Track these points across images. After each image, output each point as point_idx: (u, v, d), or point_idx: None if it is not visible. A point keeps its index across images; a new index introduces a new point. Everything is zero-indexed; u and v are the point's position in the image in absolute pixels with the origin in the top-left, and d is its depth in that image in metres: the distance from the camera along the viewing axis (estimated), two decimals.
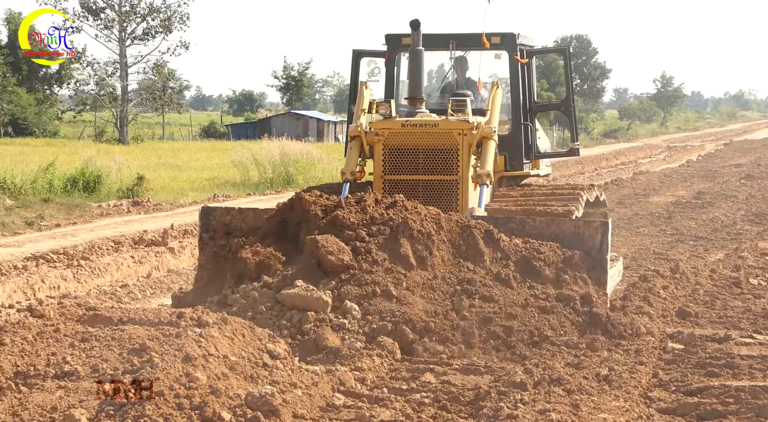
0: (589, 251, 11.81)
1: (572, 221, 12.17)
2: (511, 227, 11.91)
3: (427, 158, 13.07)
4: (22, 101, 63.47)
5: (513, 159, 14.55)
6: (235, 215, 12.48)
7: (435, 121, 13.17)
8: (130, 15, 64.55)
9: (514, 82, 14.66)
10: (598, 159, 50.41)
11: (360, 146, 13.24)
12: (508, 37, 14.50)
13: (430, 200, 12.65)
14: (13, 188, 26.48)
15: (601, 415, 8.36)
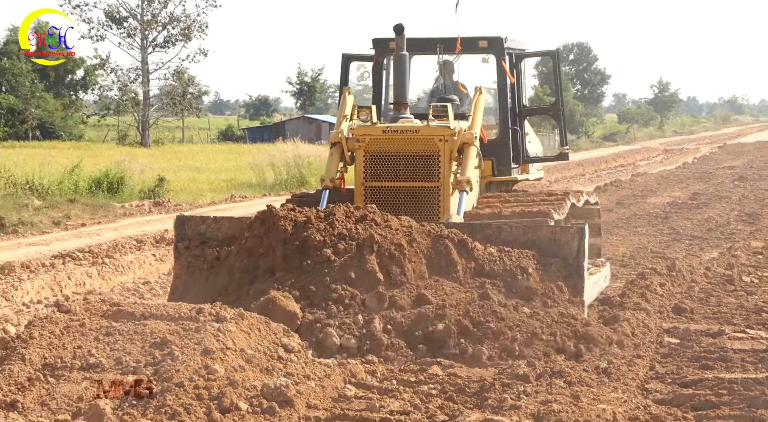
0: (566, 257, 11.09)
1: (549, 228, 11.43)
2: (488, 234, 11.18)
3: (409, 164, 12.34)
4: (49, 106, 63.56)
5: (500, 164, 13.80)
6: (210, 224, 11.80)
7: (416, 127, 12.47)
8: (151, 24, 64.62)
9: (501, 87, 13.96)
10: (598, 161, 50.34)
11: (341, 152, 12.52)
12: (495, 41, 13.73)
13: (411, 207, 12.07)
14: (41, 190, 26.54)
15: (600, 406, 8.37)
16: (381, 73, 14.18)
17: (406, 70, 12.82)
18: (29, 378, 7.71)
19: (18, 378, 7.71)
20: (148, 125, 64.56)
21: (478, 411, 8.12)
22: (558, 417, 7.77)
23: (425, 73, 14.41)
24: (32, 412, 7.21)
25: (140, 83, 65.53)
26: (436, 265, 10.79)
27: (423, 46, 13.82)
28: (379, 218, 11.04)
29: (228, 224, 11.73)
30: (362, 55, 14.32)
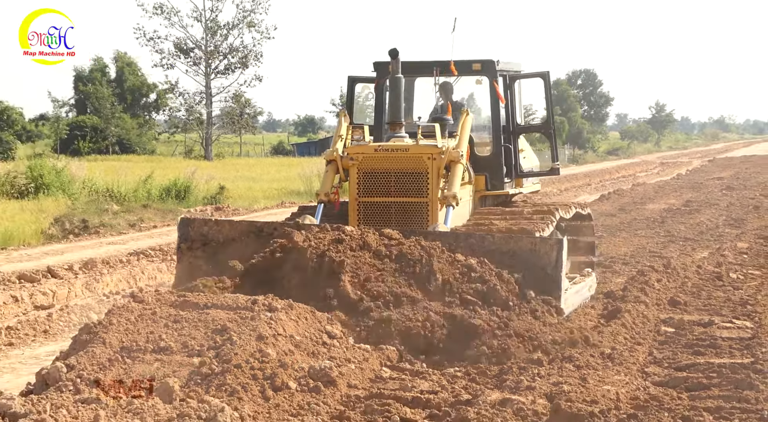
0: (544, 267, 10.33)
1: (529, 239, 10.66)
2: (471, 243, 10.46)
3: (399, 181, 11.63)
4: (126, 125, 63.92)
5: (494, 179, 12.98)
6: (212, 226, 11.19)
7: (406, 146, 11.77)
8: (214, 54, 64.91)
9: (494, 107, 13.12)
10: (602, 173, 50.23)
11: (336, 169, 11.87)
12: (488, 64, 12.99)
13: (402, 221, 11.38)
14: (119, 196, 26.72)
15: (605, 387, 8.32)
16: (382, 95, 13.49)
17: (401, 92, 12.21)
18: (109, 359, 7.74)
19: (100, 358, 7.75)
20: (210, 141, 64.84)
21: (498, 391, 8.09)
22: (568, 396, 7.73)
23: (428, 95, 13.85)
24: (112, 389, 7.24)
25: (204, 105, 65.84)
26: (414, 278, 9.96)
27: (422, 68, 13.25)
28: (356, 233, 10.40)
29: (228, 226, 11.24)
30: (366, 77, 13.61)
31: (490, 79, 13.03)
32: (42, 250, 18.52)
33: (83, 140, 59.53)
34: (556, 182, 41.15)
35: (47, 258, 17.12)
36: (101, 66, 68.44)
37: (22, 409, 6.03)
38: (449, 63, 12.86)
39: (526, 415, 7.14)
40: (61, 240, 20.20)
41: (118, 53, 69.48)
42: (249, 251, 10.38)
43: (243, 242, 10.75)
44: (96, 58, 68.84)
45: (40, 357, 10.67)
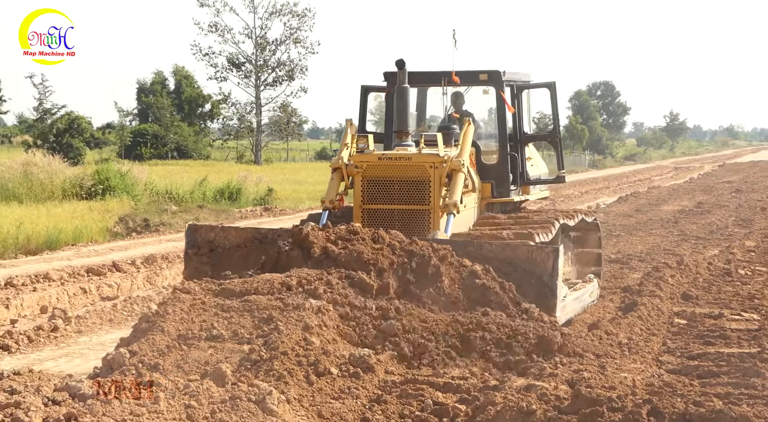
0: (541, 275, 9.66)
1: (526, 246, 9.96)
2: (469, 251, 9.82)
3: (402, 189, 11.05)
4: (184, 133, 64.25)
5: (499, 186, 12.38)
6: (218, 233, 10.64)
7: (409, 154, 11.16)
8: (263, 67, 65.09)
9: (500, 116, 12.53)
10: (620, 177, 49.96)
11: (341, 177, 11.32)
12: (494, 75, 12.41)
13: (404, 227, 10.62)
14: (177, 198, 26.89)
15: (622, 374, 8.27)
16: (392, 104, 12.69)
17: (407, 102, 11.65)
18: (167, 345, 7.77)
19: (159, 345, 7.77)
20: (260, 147, 65.06)
21: (523, 378, 8.06)
22: (588, 382, 7.68)
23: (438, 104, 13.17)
24: (170, 373, 7.27)
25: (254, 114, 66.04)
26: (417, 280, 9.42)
27: (431, 79, 12.68)
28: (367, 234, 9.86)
29: (234, 232, 10.66)
30: (379, 86, 12.98)
31: (497, 89, 12.48)
32: (108, 246, 18.68)
33: (145, 146, 59.94)
34: (577, 186, 40.93)
35: (112, 254, 17.27)
36: (161, 79, 68.89)
37: (90, 391, 6.08)
38: (463, 73, 12.42)
39: (549, 399, 7.10)
40: (125, 237, 20.36)
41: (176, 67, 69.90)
42: (253, 257, 9.91)
43: (248, 248, 10.27)
44: (157, 72, 69.35)
45: (106, 343, 10.76)
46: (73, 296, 13.50)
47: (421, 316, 8.89)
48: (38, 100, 54.55)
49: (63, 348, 10.71)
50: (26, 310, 12.62)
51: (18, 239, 17.69)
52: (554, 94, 12.87)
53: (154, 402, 6.09)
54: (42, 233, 18.25)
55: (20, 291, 13.49)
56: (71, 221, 20.23)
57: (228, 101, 66.85)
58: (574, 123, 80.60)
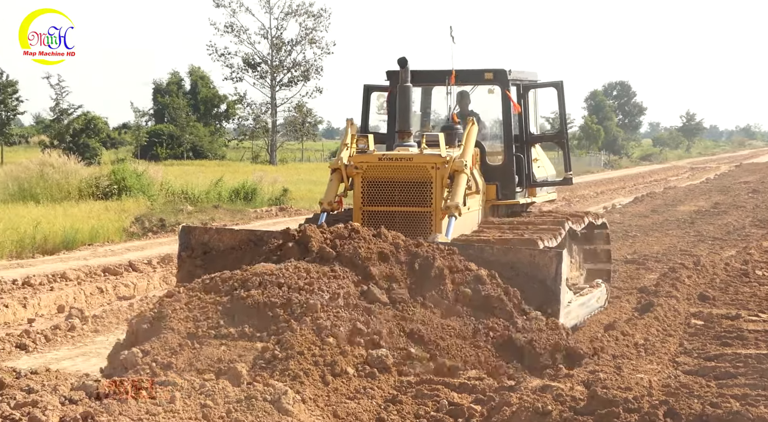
0: (544, 280, 9.21)
1: (528, 250, 9.53)
2: (470, 254, 9.36)
3: (403, 190, 10.66)
4: (199, 133, 64.46)
5: (505, 188, 11.95)
6: (212, 235, 10.25)
7: (410, 155, 10.78)
8: (279, 68, 65.23)
9: (506, 116, 12.09)
10: (636, 177, 49.81)
11: (340, 178, 10.93)
12: (500, 73, 11.97)
13: (405, 230, 10.05)
14: (193, 198, 26.97)
15: (638, 375, 8.24)
16: (395, 103, 12.22)
17: (409, 101, 11.23)
18: (179, 344, 7.73)
19: (171, 344, 7.74)
20: (275, 148, 65.19)
21: (538, 378, 8.04)
22: (604, 383, 7.65)
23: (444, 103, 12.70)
24: (184, 372, 7.27)
25: (270, 115, 66.19)
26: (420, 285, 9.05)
27: (436, 78, 12.29)
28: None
29: (229, 234, 10.30)
30: (382, 86, 12.62)
31: (502, 89, 12.07)
32: (124, 246, 18.76)
33: (161, 147, 60.17)
34: (593, 186, 40.83)
35: (129, 254, 17.34)
36: (177, 79, 69.16)
37: (107, 390, 6.10)
38: (460, 72, 12.03)
39: (565, 400, 7.08)
40: (141, 237, 20.45)
41: (192, 68, 70.18)
42: (248, 260, 9.45)
43: (243, 250, 9.87)
44: (173, 73, 69.66)
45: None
46: (89, 296, 13.56)
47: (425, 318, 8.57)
48: (55, 101, 54.84)
49: (80, 348, 10.75)
50: (43, 309, 12.68)
51: (35, 238, 17.78)
52: (561, 93, 12.42)
53: (170, 401, 6.11)
54: (59, 233, 18.33)
55: (37, 291, 13.56)
56: (88, 221, 20.32)
57: (243, 102, 67.09)
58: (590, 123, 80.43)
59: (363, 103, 12.85)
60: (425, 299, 8.78)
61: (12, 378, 6.50)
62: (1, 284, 13.62)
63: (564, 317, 9.34)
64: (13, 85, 57.07)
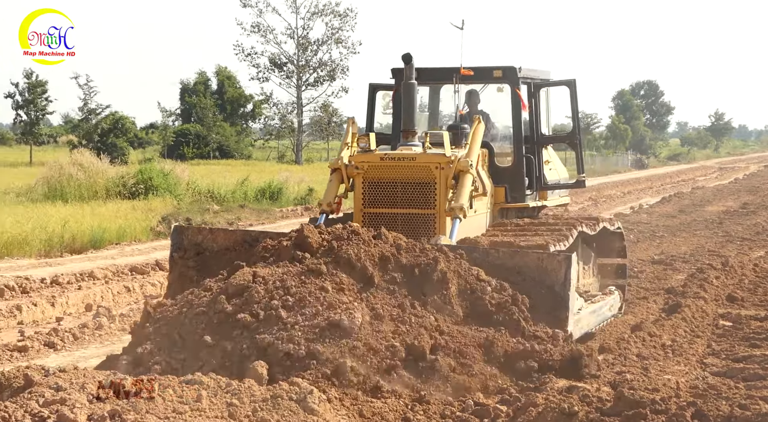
0: (552, 285, 8.70)
1: (535, 254, 9.03)
2: (475, 257, 8.88)
3: (406, 191, 10.18)
4: (225, 132, 64.69)
5: (514, 190, 11.40)
6: (206, 235, 9.80)
7: (413, 154, 10.27)
8: (305, 68, 65.33)
9: (515, 115, 11.57)
10: (664, 177, 49.49)
11: (340, 178, 10.51)
12: (509, 71, 11.43)
13: (408, 233, 9.55)
14: (219, 197, 27.07)
15: (666, 376, 8.20)
16: (400, 102, 11.69)
17: (413, 99, 10.74)
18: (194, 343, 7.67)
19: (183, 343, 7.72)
20: (301, 147, 65.31)
21: (565, 379, 8.01)
22: (631, 384, 7.62)
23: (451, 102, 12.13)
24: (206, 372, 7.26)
25: (295, 114, 66.31)
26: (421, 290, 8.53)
27: (443, 75, 11.73)
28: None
29: (223, 235, 9.85)
30: (388, 84, 12.20)
31: (512, 87, 11.53)
32: (151, 245, 18.88)
33: (188, 146, 60.41)
34: (620, 186, 40.61)
35: (155, 253, 17.44)
36: (204, 79, 69.43)
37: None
38: (467, 69, 11.48)
39: (591, 401, 7.05)
40: (167, 237, 20.53)
41: (219, 68, 70.43)
42: (242, 261, 8.88)
43: (237, 251, 9.41)
44: (200, 73, 69.93)
45: None
46: (117, 295, 13.66)
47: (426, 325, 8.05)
48: (83, 101, 55.20)
49: (107, 346, 10.82)
50: (71, 308, 12.79)
51: (63, 238, 17.92)
52: (574, 92, 11.84)
53: (197, 400, 6.14)
54: (87, 232, 18.46)
55: (66, 289, 13.67)
56: (115, 220, 20.45)
57: (270, 101, 67.25)
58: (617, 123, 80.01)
59: (368, 102, 12.45)
60: (426, 304, 8.29)
61: (41, 376, 6.56)
62: (30, 282, 13.74)
63: (573, 325, 8.84)
64: (42, 85, 57.56)
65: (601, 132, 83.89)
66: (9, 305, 12.32)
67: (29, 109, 57.64)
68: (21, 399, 5.98)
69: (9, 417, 5.58)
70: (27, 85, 57.10)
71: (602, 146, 79.60)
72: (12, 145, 73.33)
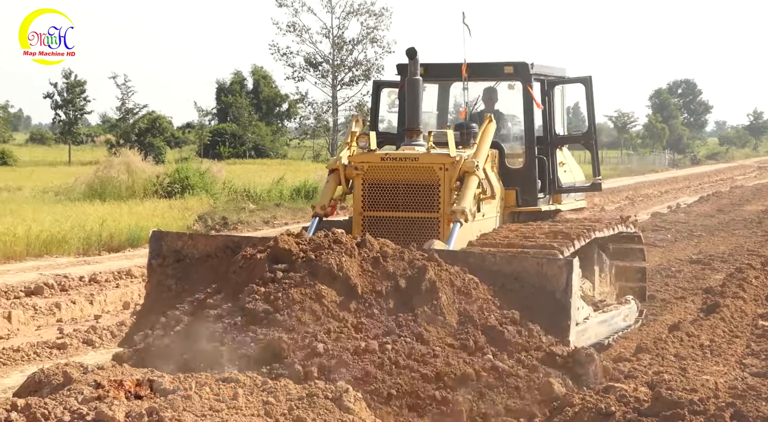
0: (552, 292, 7.97)
1: (534, 259, 8.28)
2: (470, 263, 8.16)
3: (408, 193, 9.48)
4: (261, 132, 65.03)
5: (525, 193, 10.74)
6: (186, 241, 9.07)
7: (415, 154, 9.57)
8: (340, 67, 65.45)
9: (527, 114, 10.89)
10: (701, 176, 49.07)
11: (338, 180, 9.90)
12: (521, 67, 10.74)
13: (410, 238, 9.04)
14: (255, 196, 27.21)
15: (704, 376, 8.12)
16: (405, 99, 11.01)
17: (419, 96, 10.01)
18: None
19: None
20: (336, 146, 65.49)
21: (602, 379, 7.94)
22: (669, 385, 7.55)
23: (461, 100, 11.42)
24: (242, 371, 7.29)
25: (331, 114, 66.52)
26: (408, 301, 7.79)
27: (452, 72, 10.95)
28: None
29: (204, 240, 9.13)
30: (393, 81, 11.69)
31: (524, 84, 10.84)
32: None
33: (224, 146, 60.80)
34: (657, 185, 40.33)
35: None
36: (240, 79, 69.83)
37: (171, 386, 6.18)
38: (479, 65, 10.88)
39: (629, 401, 7.00)
40: None
41: (255, 67, 70.81)
42: (224, 269, 8.43)
43: (219, 258, 8.76)
44: (236, 72, 70.35)
45: None
46: None
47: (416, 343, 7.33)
48: (121, 100, 55.74)
49: None
50: (109, 306, 12.90)
51: (101, 236, 18.09)
52: (590, 90, 11.13)
53: (233, 398, 6.16)
54: (124, 231, 18.63)
55: (104, 287, 13.80)
56: (152, 218, 20.60)
57: (305, 101, 67.42)
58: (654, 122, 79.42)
59: (372, 100, 11.98)
60: (416, 317, 7.58)
61: (79, 373, 6.61)
62: (69, 280, 13.88)
63: (575, 335, 8.16)
64: (81, 85, 58.19)
65: (638, 131, 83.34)
66: (48, 302, 12.46)
67: (68, 109, 58.34)
68: (60, 396, 6.04)
69: (48, 413, 5.64)
70: (66, 85, 57.78)
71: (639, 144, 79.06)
72: (51, 144, 74.29)
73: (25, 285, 13.33)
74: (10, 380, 8.97)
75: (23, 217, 19.10)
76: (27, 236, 16.77)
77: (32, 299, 12.74)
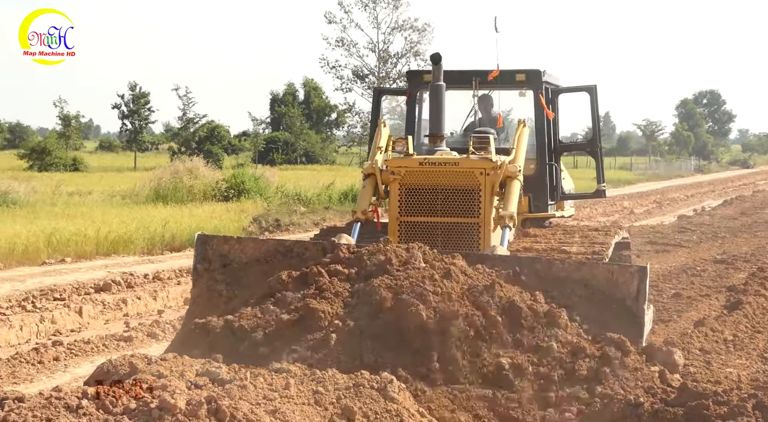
0: (623, 299, 7.41)
1: (605, 266, 7.74)
2: (537, 269, 7.58)
3: (447, 199, 8.86)
4: (311, 140, 65.30)
5: (537, 200, 10.30)
6: (233, 245, 8.36)
7: (455, 159, 8.99)
8: (385, 79, 65.63)
9: (539, 122, 10.46)
10: (725, 181, 48.48)
11: (374, 185, 9.22)
12: (533, 75, 10.32)
13: (449, 244, 8.60)
14: (305, 200, 27.32)
15: (727, 369, 8.02)
16: (414, 107, 10.84)
17: (442, 101, 9.49)
18: None
19: None
20: None
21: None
22: (694, 377, 7.47)
23: (459, 108, 11.03)
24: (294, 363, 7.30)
25: None
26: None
27: (459, 79, 10.41)
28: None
29: (252, 245, 8.42)
30: (393, 89, 11.32)
31: (535, 92, 10.39)
32: None
33: (277, 152, 61.11)
34: (683, 189, 39.88)
35: None
36: (292, 90, 70.19)
37: (227, 376, 6.22)
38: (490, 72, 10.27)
39: (656, 392, 6.93)
40: (258, 236, 20.80)
41: (306, 79, 71.15)
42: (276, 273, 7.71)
43: (270, 263, 8.12)
44: (288, 84, 70.72)
45: None
46: None
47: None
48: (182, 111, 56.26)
49: None
50: (171, 301, 13.02)
51: (164, 237, 18.27)
52: (595, 98, 10.69)
53: (285, 387, 6.19)
54: (185, 232, 18.79)
55: (166, 284, 13.94)
56: (210, 220, 20.77)
57: (352, 110, 67.71)
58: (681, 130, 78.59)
59: (373, 107, 11.41)
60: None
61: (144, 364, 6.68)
62: (135, 278, 14.04)
63: (647, 342, 7.63)
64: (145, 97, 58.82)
65: (665, 139, 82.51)
66: (116, 299, 12.61)
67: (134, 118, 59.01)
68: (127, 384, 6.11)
69: (116, 401, 5.71)
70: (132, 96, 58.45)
71: (666, 151, 78.30)
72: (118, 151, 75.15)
73: (95, 282, 13.50)
74: (81, 370, 9.11)
75: (93, 219, 19.35)
76: (96, 236, 16.99)
77: (101, 295, 12.90)
